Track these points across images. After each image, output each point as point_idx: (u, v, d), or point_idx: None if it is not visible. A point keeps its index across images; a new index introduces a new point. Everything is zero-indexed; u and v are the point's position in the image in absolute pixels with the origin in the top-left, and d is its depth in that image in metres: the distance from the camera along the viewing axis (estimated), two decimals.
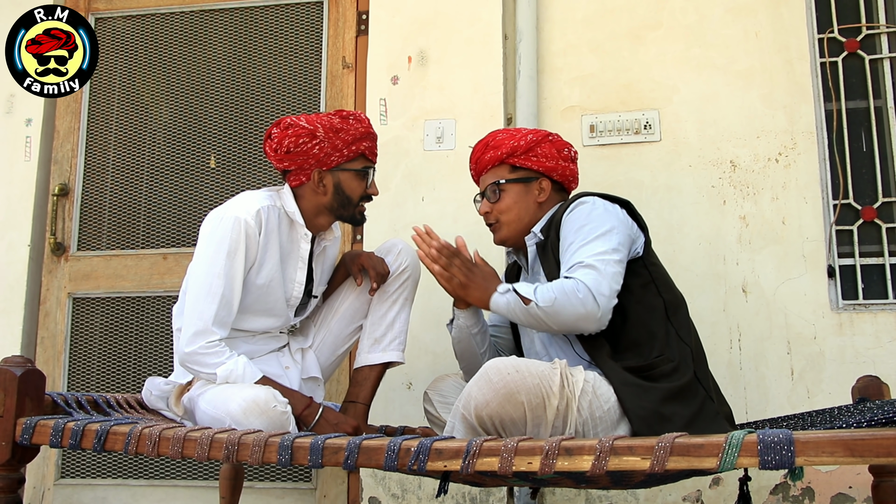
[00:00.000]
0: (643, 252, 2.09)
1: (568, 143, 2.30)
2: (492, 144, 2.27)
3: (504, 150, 2.23)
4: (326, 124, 2.25)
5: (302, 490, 3.10)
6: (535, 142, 2.23)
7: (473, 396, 1.83)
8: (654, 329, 2.01)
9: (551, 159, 2.23)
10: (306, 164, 2.26)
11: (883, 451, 1.40)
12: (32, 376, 2.02)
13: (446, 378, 2.39)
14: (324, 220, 2.35)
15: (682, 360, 1.97)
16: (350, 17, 3.37)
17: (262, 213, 2.22)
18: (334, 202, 2.31)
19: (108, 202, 3.44)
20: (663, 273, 2.13)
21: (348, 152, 2.27)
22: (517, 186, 2.24)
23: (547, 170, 2.23)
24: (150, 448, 1.84)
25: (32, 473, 3.21)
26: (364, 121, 2.32)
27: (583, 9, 3.13)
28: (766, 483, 2.71)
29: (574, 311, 1.90)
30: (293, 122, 2.26)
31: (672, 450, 1.49)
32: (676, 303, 2.09)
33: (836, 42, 3.03)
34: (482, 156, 2.28)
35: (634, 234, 2.09)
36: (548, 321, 1.94)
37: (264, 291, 2.26)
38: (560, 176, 2.25)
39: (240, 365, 2.13)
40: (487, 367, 1.85)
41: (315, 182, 2.28)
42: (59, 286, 3.37)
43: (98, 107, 3.51)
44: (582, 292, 1.89)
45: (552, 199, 2.25)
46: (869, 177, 2.95)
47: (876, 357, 2.72)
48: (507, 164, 2.25)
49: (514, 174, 2.24)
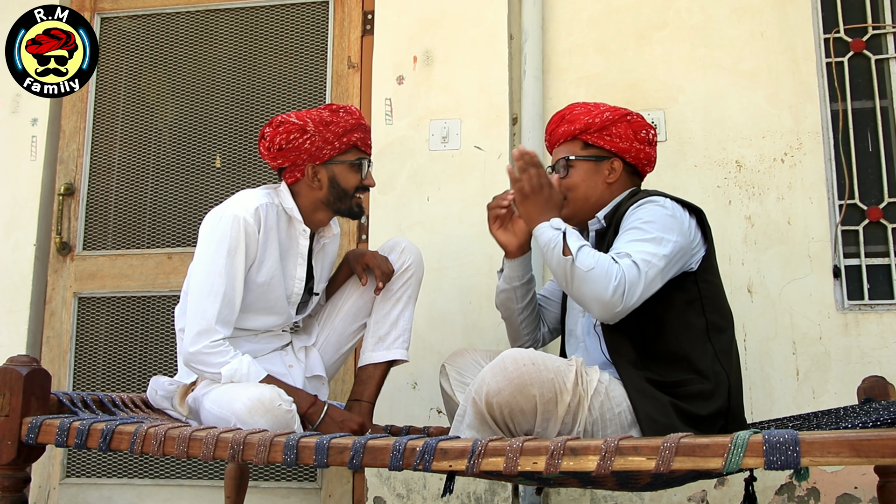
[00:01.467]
0: (698, 267, 2.02)
1: (648, 125, 2.21)
2: (568, 118, 2.22)
3: (578, 125, 2.18)
4: (316, 118, 2.26)
5: (307, 490, 3.11)
6: (610, 120, 2.17)
7: (487, 382, 1.82)
8: (689, 349, 1.95)
9: (625, 140, 2.16)
10: (299, 160, 2.27)
11: (889, 451, 1.40)
12: (38, 376, 2.02)
13: (466, 353, 2.34)
14: (322, 215, 2.36)
15: (717, 386, 1.93)
16: (355, 16, 3.37)
17: (261, 211, 2.23)
18: (330, 196, 2.31)
19: (113, 202, 3.44)
20: (715, 292, 2.06)
21: (340, 144, 2.28)
22: (587, 164, 2.18)
23: (620, 150, 2.16)
24: (156, 447, 1.85)
25: (38, 473, 3.22)
26: (354, 113, 2.32)
27: (588, 9, 3.13)
28: (771, 483, 2.70)
29: (600, 290, 1.85)
30: (284, 119, 2.28)
31: (678, 450, 1.49)
32: (722, 325, 2.03)
33: (842, 42, 3.02)
34: (556, 128, 2.24)
35: (694, 247, 2.02)
36: (571, 280, 1.89)
37: (265, 289, 2.26)
38: (633, 158, 2.18)
39: (244, 364, 2.13)
40: (504, 355, 1.83)
41: (310, 177, 2.29)
42: (64, 286, 3.38)
43: (104, 106, 3.52)
44: (617, 280, 1.84)
45: (622, 182, 2.20)
46: (875, 177, 2.94)
47: (882, 357, 2.72)
48: (579, 140, 2.19)
49: (586, 151, 2.19)
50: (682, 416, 1.87)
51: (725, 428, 1.95)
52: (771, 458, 1.43)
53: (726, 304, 2.10)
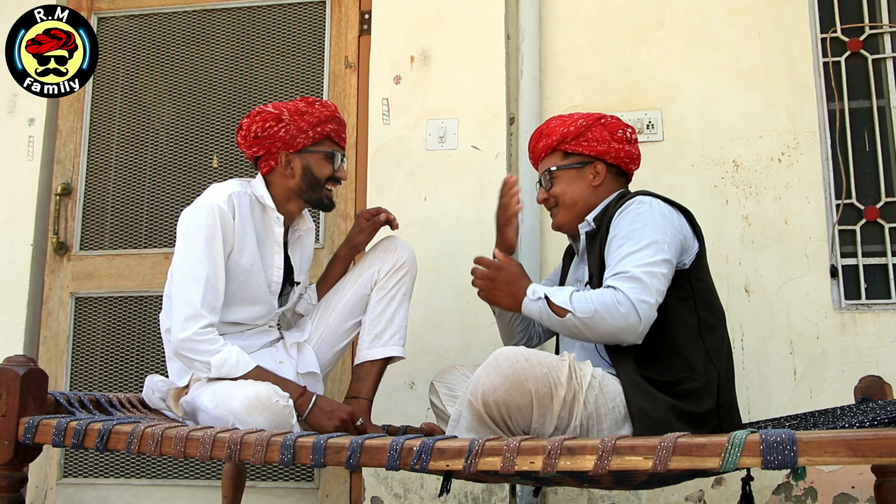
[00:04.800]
0: (690, 265, 2.04)
1: (624, 125, 2.24)
2: (545, 132, 2.26)
3: (555, 137, 2.22)
4: (292, 108, 2.32)
5: (304, 489, 3.11)
6: (585, 126, 2.20)
7: (481, 382, 1.83)
8: (682, 346, 1.97)
9: (603, 142, 2.19)
10: (273, 148, 2.32)
11: (886, 451, 1.40)
12: (35, 376, 2.02)
13: (453, 369, 2.39)
14: (293, 205, 2.40)
15: (707, 384, 1.94)
16: (352, 16, 3.37)
17: (235, 198, 2.27)
18: (302, 184, 2.35)
19: (110, 202, 3.44)
20: (707, 289, 2.08)
21: (314, 134, 2.32)
22: (570, 172, 2.22)
23: (600, 153, 2.19)
24: (153, 447, 1.85)
25: (35, 473, 3.22)
26: (330, 106, 2.38)
27: (585, 8, 3.13)
28: (768, 483, 2.71)
29: (615, 323, 1.87)
30: (261, 109, 2.34)
31: (675, 449, 1.49)
32: (714, 322, 2.04)
33: (839, 42, 3.02)
34: (536, 144, 2.28)
35: (687, 244, 2.04)
36: (585, 332, 1.92)
37: (247, 276, 2.29)
38: (614, 158, 2.21)
39: (233, 354, 2.14)
40: (497, 354, 1.85)
41: (283, 165, 2.33)
42: (61, 285, 3.37)
43: (101, 106, 3.52)
44: (624, 306, 1.86)
45: (609, 184, 2.22)
46: (872, 176, 2.95)
47: (879, 357, 2.72)
48: (559, 151, 2.23)
49: (567, 160, 2.22)
50: (677, 413, 1.87)
51: (720, 426, 1.96)
52: (768, 458, 1.43)
53: (718, 302, 2.11)
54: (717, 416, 1.96)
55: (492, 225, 2.91)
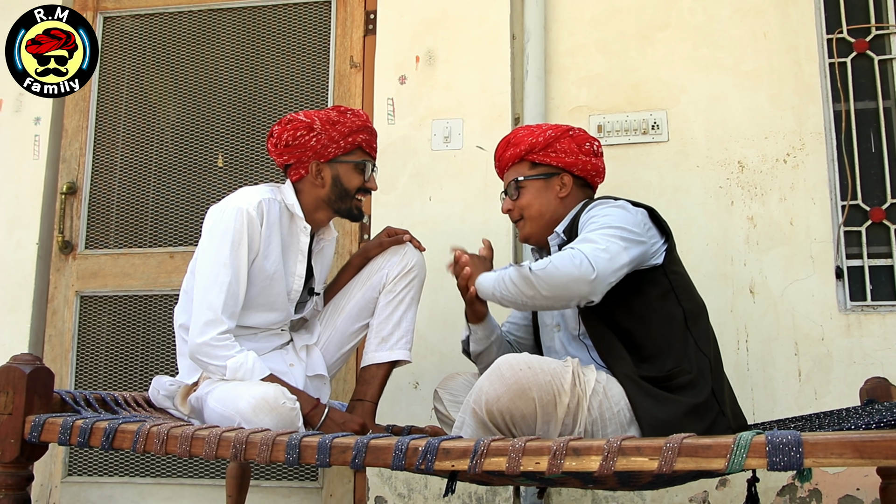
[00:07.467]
0: (664, 260, 2.05)
1: (591, 138, 2.26)
2: (513, 142, 2.27)
3: (523, 146, 2.23)
4: (324, 117, 2.30)
5: (308, 489, 3.11)
6: (553, 137, 2.21)
7: (485, 391, 1.83)
8: (672, 340, 1.98)
9: (570, 154, 2.20)
10: (304, 157, 2.30)
11: (891, 452, 1.39)
12: (41, 374, 2.03)
13: (457, 376, 2.39)
14: (322, 214, 2.39)
15: (700, 373, 1.95)
16: (358, 16, 3.37)
17: (264, 205, 2.26)
18: (332, 194, 2.34)
19: (115, 201, 3.44)
20: (685, 281, 2.10)
21: (345, 144, 2.31)
22: (537, 182, 2.23)
23: (567, 165, 2.21)
24: (158, 446, 1.85)
25: (39, 471, 3.22)
26: (362, 115, 2.36)
27: (591, 9, 3.13)
28: (773, 484, 2.70)
29: (567, 272, 1.85)
30: (293, 117, 2.32)
31: (680, 450, 1.49)
32: (697, 312, 2.06)
33: (845, 42, 3.02)
34: (503, 153, 2.29)
35: (650, 238, 2.04)
36: (538, 286, 1.89)
37: (269, 283, 2.28)
38: (581, 171, 2.22)
39: (249, 360, 2.14)
40: (500, 362, 1.85)
41: (313, 174, 2.32)
42: (66, 284, 3.38)
43: (106, 105, 3.52)
44: (577, 258, 1.86)
45: (575, 195, 2.24)
46: (877, 178, 2.94)
47: (884, 358, 2.71)
48: (527, 161, 2.24)
49: (534, 171, 2.23)
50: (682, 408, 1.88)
51: (723, 412, 1.97)
52: (774, 459, 1.43)
53: (696, 292, 2.13)
54: (717, 400, 1.98)
55: (497, 225, 2.93)
